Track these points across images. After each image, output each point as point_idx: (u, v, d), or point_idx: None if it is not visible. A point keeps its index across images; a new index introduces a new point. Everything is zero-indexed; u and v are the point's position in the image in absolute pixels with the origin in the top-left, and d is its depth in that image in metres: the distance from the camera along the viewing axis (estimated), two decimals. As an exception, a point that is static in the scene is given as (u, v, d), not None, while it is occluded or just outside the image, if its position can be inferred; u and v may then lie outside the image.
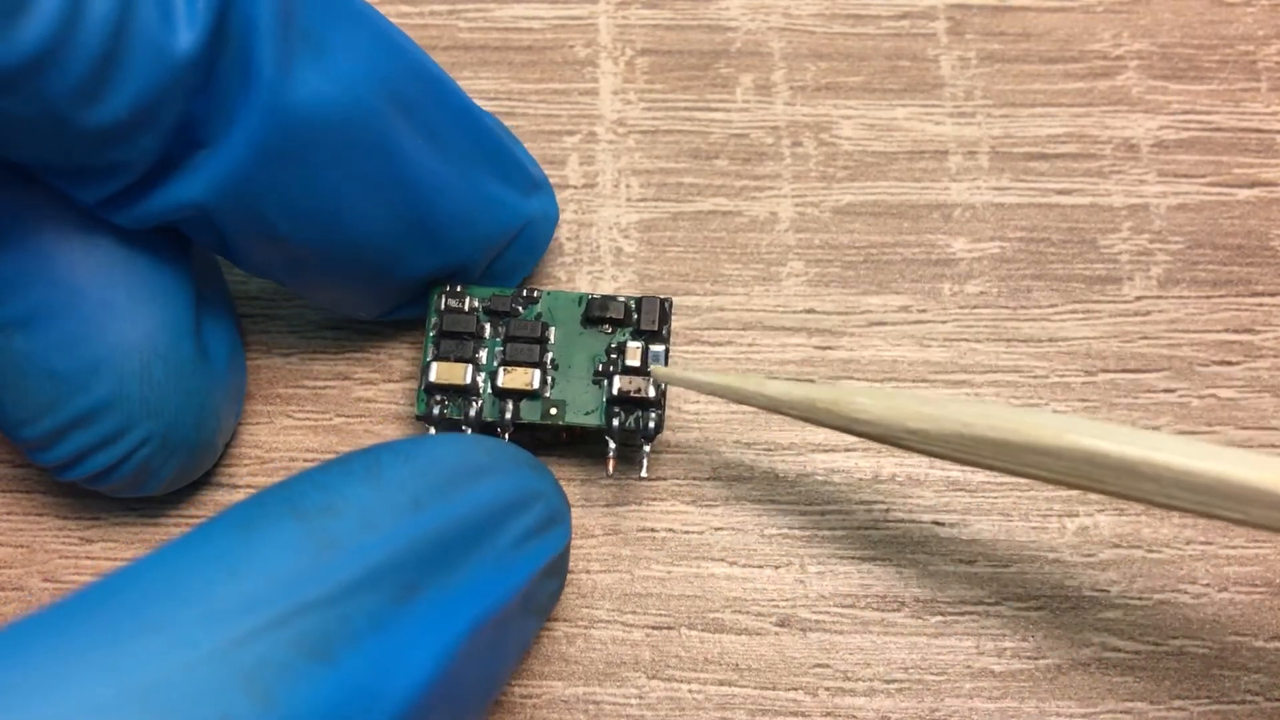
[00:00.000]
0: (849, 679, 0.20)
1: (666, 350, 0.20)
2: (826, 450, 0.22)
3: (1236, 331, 0.23)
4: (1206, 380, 0.22)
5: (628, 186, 0.24)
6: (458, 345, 0.20)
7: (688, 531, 0.21)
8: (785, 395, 0.18)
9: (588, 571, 0.21)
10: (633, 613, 0.21)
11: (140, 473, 0.19)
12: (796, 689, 0.20)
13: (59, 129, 0.15)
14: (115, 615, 0.12)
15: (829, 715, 0.20)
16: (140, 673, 0.12)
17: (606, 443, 0.20)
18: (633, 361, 0.20)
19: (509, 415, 0.20)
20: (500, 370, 0.20)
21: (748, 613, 0.21)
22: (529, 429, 0.20)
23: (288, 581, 0.13)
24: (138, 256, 0.18)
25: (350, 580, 0.13)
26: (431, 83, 0.19)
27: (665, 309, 0.21)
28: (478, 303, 0.21)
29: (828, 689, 0.20)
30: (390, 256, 0.19)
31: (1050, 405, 0.22)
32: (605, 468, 0.21)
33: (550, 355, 0.20)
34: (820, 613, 0.21)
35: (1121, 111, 0.24)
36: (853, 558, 0.21)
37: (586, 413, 0.20)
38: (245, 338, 0.23)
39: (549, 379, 0.20)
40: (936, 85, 0.25)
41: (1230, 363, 0.22)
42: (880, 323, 0.23)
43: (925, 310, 0.23)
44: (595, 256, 0.23)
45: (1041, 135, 0.24)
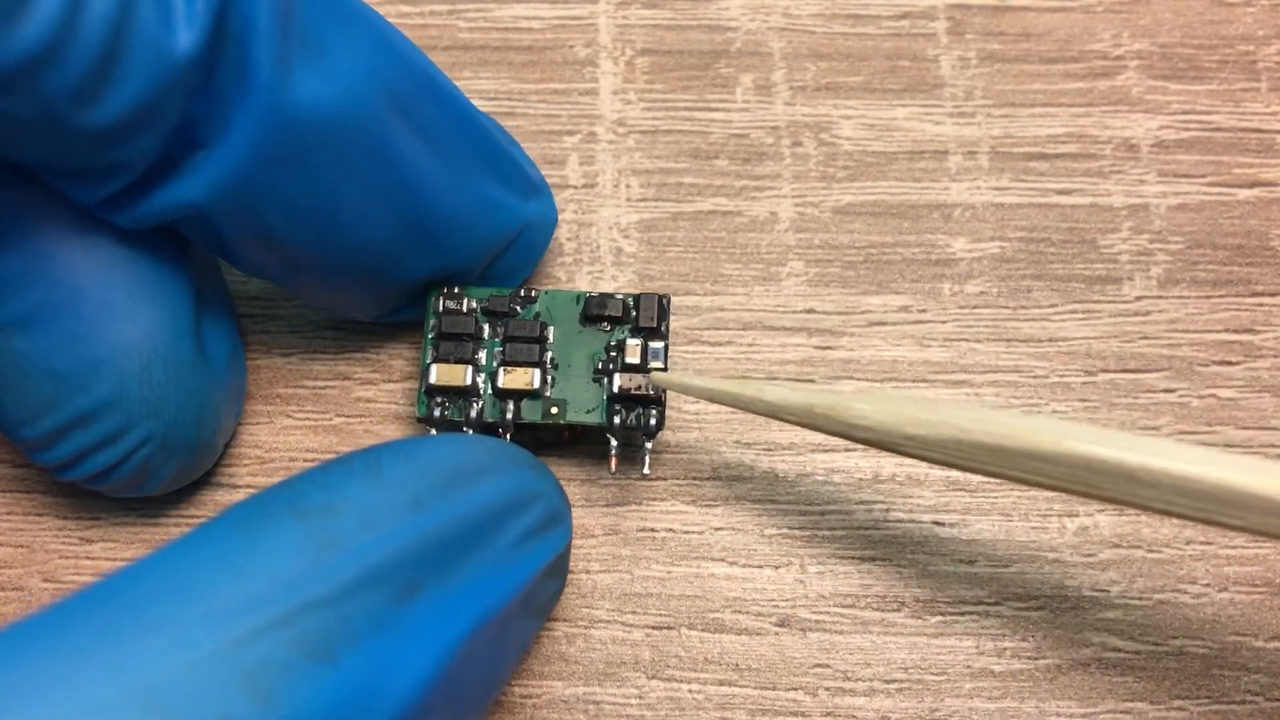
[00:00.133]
0: (849, 679, 0.20)
1: (666, 347, 0.20)
2: (826, 450, 0.22)
3: (1236, 331, 0.23)
4: (1206, 380, 0.22)
5: (628, 186, 0.24)
6: (457, 347, 0.20)
7: (688, 531, 0.21)
8: (783, 401, 0.18)
9: (588, 571, 0.21)
10: (633, 613, 0.21)
11: (140, 473, 0.19)
12: (796, 689, 0.20)
13: (58, 129, 0.15)
14: (116, 615, 0.12)
15: (829, 715, 0.20)
16: (141, 673, 0.12)
17: (608, 441, 0.20)
18: (632, 359, 0.20)
19: (510, 415, 0.20)
20: (500, 371, 0.20)
21: (748, 613, 0.21)
22: (530, 429, 0.20)
23: (289, 581, 0.13)
24: (138, 256, 0.18)
25: (351, 580, 0.13)
26: (430, 85, 0.19)
27: (664, 305, 0.21)
28: (476, 303, 0.21)
29: (828, 689, 0.20)
30: (388, 259, 0.19)
31: (1050, 405, 0.22)
32: (607, 466, 0.21)
33: (550, 354, 0.20)
34: (820, 613, 0.21)
35: (1121, 111, 0.24)
36: (853, 558, 0.21)
37: (587, 411, 0.20)
38: (245, 338, 0.23)
39: (549, 378, 0.20)
40: (936, 85, 0.25)
41: (1230, 363, 0.22)
42: (880, 323, 0.23)
43: (925, 310, 0.23)
44: (595, 256, 0.23)
45: (1041, 135, 0.24)
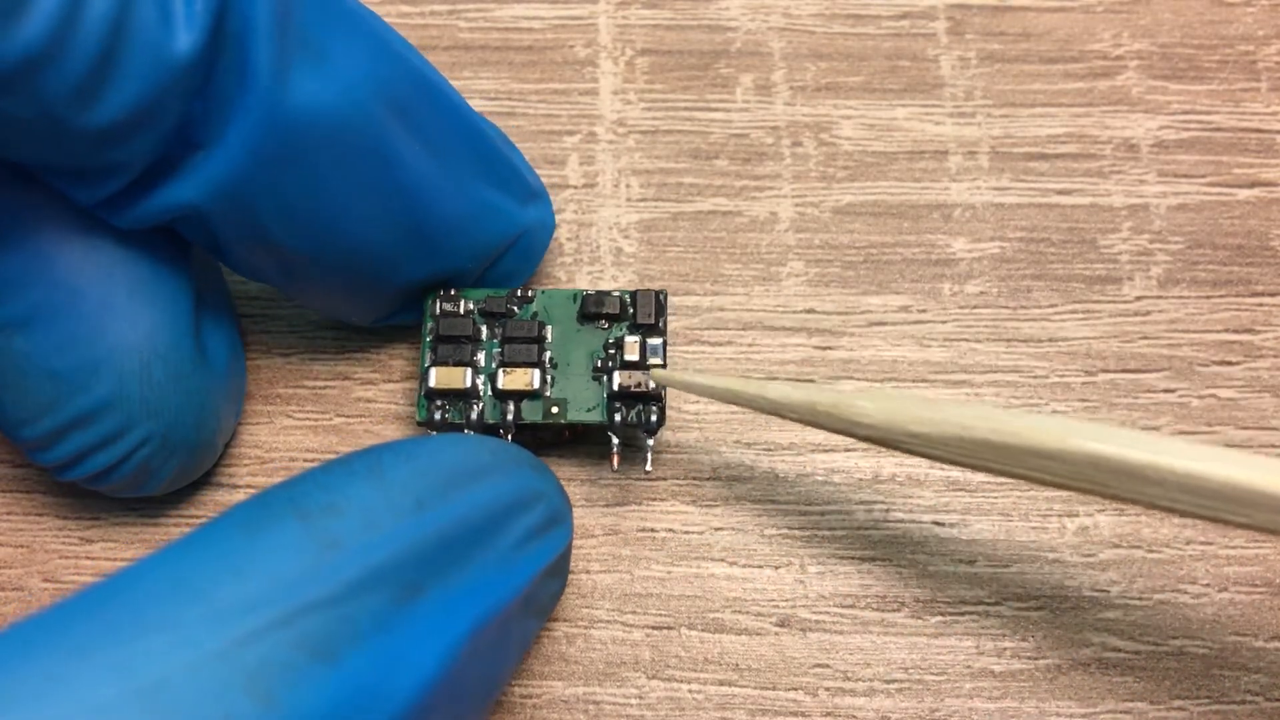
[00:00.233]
0: (849, 679, 0.20)
1: (664, 343, 0.20)
2: (826, 450, 0.22)
3: (1236, 331, 0.23)
4: (1206, 380, 0.22)
5: (628, 186, 0.24)
6: (455, 349, 0.20)
7: (688, 531, 0.21)
8: (785, 399, 0.18)
9: (588, 571, 0.21)
10: (633, 613, 0.21)
11: (140, 473, 0.19)
12: (796, 689, 0.20)
13: (57, 129, 0.15)
14: (117, 615, 0.12)
15: (829, 715, 0.20)
16: (143, 673, 0.12)
17: (609, 439, 0.20)
18: (631, 356, 0.20)
19: (510, 416, 0.20)
20: (499, 372, 0.20)
21: (748, 613, 0.21)
22: (531, 429, 0.20)
23: (290, 581, 0.13)
24: (138, 257, 0.18)
25: (353, 580, 0.13)
26: (428, 89, 0.19)
27: (661, 301, 0.21)
28: (473, 305, 0.21)
29: (828, 689, 0.20)
30: (385, 263, 0.19)
31: (1050, 405, 0.22)
32: (608, 466, 0.21)
33: (548, 354, 0.20)
34: (820, 613, 0.21)
35: (1121, 111, 0.24)
36: (853, 558, 0.21)
37: (588, 410, 0.20)
38: (245, 338, 0.23)
39: (548, 378, 0.20)
40: (936, 85, 0.25)
41: (1230, 363, 0.22)
42: (880, 323, 0.23)
43: (925, 310, 0.23)
44: (595, 256, 0.23)
45: (1041, 135, 0.24)
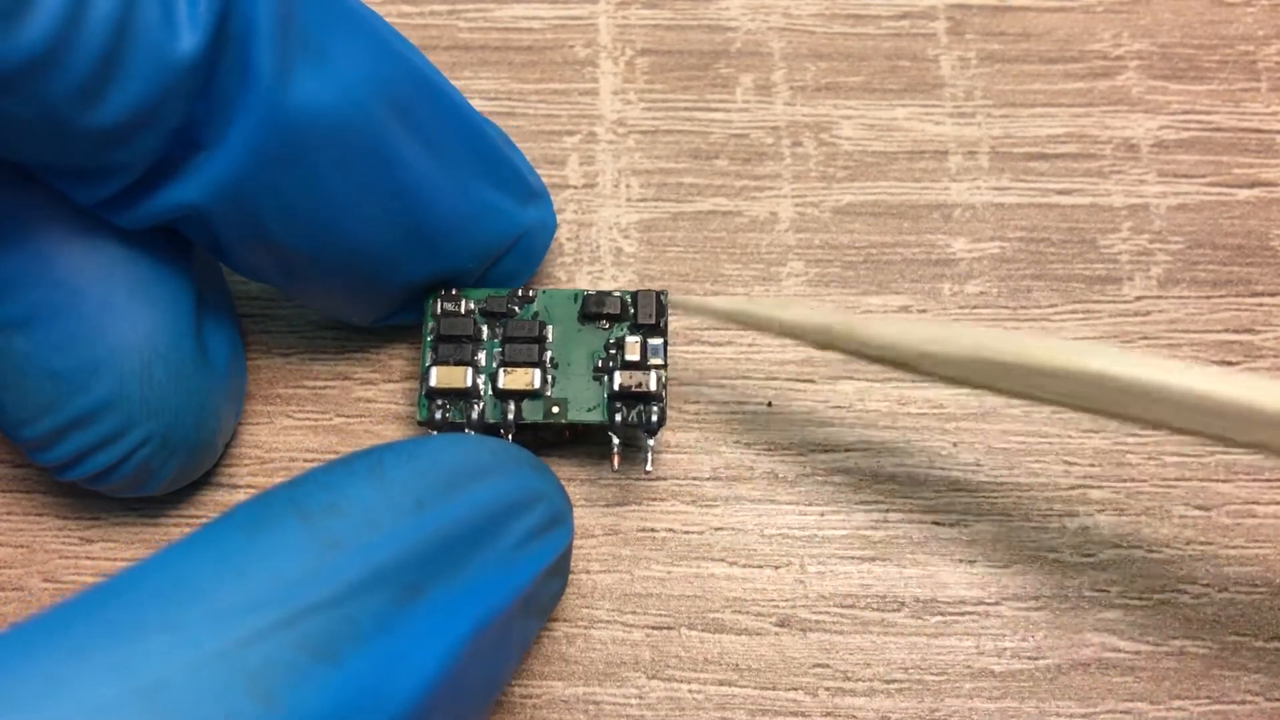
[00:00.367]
0: (849, 679, 0.20)
1: (665, 343, 0.20)
2: (826, 450, 0.22)
3: (1236, 331, 0.23)
4: (1206, 380, 0.22)
5: (628, 186, 0.24)
6: (456, 349, 0.20)
7: (688, 531, 0.21)
8: (800, 321, 0.19)
9: (588, 571, 0.21)
10: (633, 613, 0.21)
11: (140, 473, 0.19)
12: (796, 689, 0.20)
13: (59, 130, 0.15)
14: (118, 616, 0.12)
15: (829, 715, 0.20)
16: (143, 673, 0.12)
17: (609, 439, 0.20)
18: (632, 356, 0.20)
19: (511, 416, 0.20)
20: (500, 371, 0.20)
21: (748, 613, 0.21)
22: (531, 429, 0.20)
23: (292, 582, 0.13)
24: (138, 257, 0.18)
25: (355, 580, 0.13)
26: (430, 89, 0.19)
27: (661, 302, 0.21)
28: (474, 305, 0.21)
29: (828, 689, 0.20)
30: (385, 263, 0.19)
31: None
32: (608, 466, 0.21)
33: (549, 354, 0.20)
34: (820, 613, 0.21)
35: (1121, 111, 0.24)
36: (853, 558, 0.21)
37: (589, 409, 0.20)
38: (245, 338, 0.23)
39: (549, 378, 0.20)
40: (936, 85, 0.25)
41: (1230, 363, 0.22)
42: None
43: (925, 310, 0.23)
44: (595, 256, 0.23)
45: (1041, 135, 0.24)
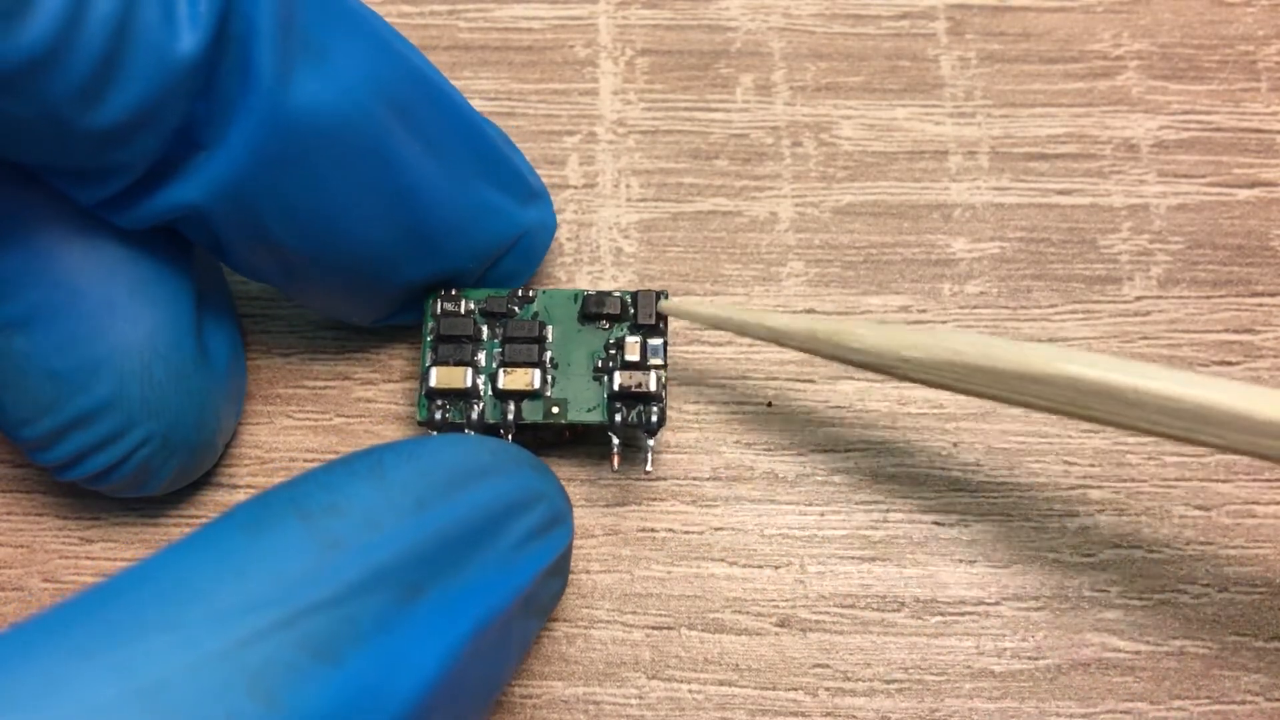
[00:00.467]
0: (849, 679, 0.20)
1: (665, 343, 0.20)
2: (826, 450, 0.22)
3: (1236, 331, 0.23)
4: (1206, 380, 0.22)
5: (628, 186, 0.24)
6: (456, 349, 0.20)
7: (688, 531, 0.21)
8: (786, 327, 0.19)
9: (588, 571, 0.21)
10: (633, 613, 0.21)
11: (140, 473, 0.19)
12: (796, 689, 0.20)
13: (60, 130, 0.15)
14: (119, 616, 0.12)
15: (829, 715, 0.20)
16: (145, 673, 0.12)
17: (609, 439, 0.20)
18: (632, 356, 0.20)
19: (511, 416, 0.20)
20: (500, 372, 0.20)
21: (748, 613, 0.21)
22: (531, 429, 0.20)
23: (293, 582, 0.13)
24: (139, 256, 0.18)
25: (355, 580, 0.13)
26: (430, 89, 0.19)
27: (661, 302, 0.21)
28: (474, 305, 0.21)
29: (828, 689, 0.20)
30: (385, 263, 0.19)
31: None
32: (608, 466, 0.21)
33: (549, 354, 0.20)
34: (820, 613, 0.21)
35: (1121, 111, 0.24)
36: (853, 558, 0.21)
37: (588, 410, 0.20)
38: (245, 338, 0.23)
39: (549, 378, 0.20)
40: (936, 85, 0.25)
41: (1230, 363, 0.22)
42: (880, 323, 0.23)
43: (925, 310, 0.23)
44: (595, 256, 0.23)
45: (1041, 135, 0.24)
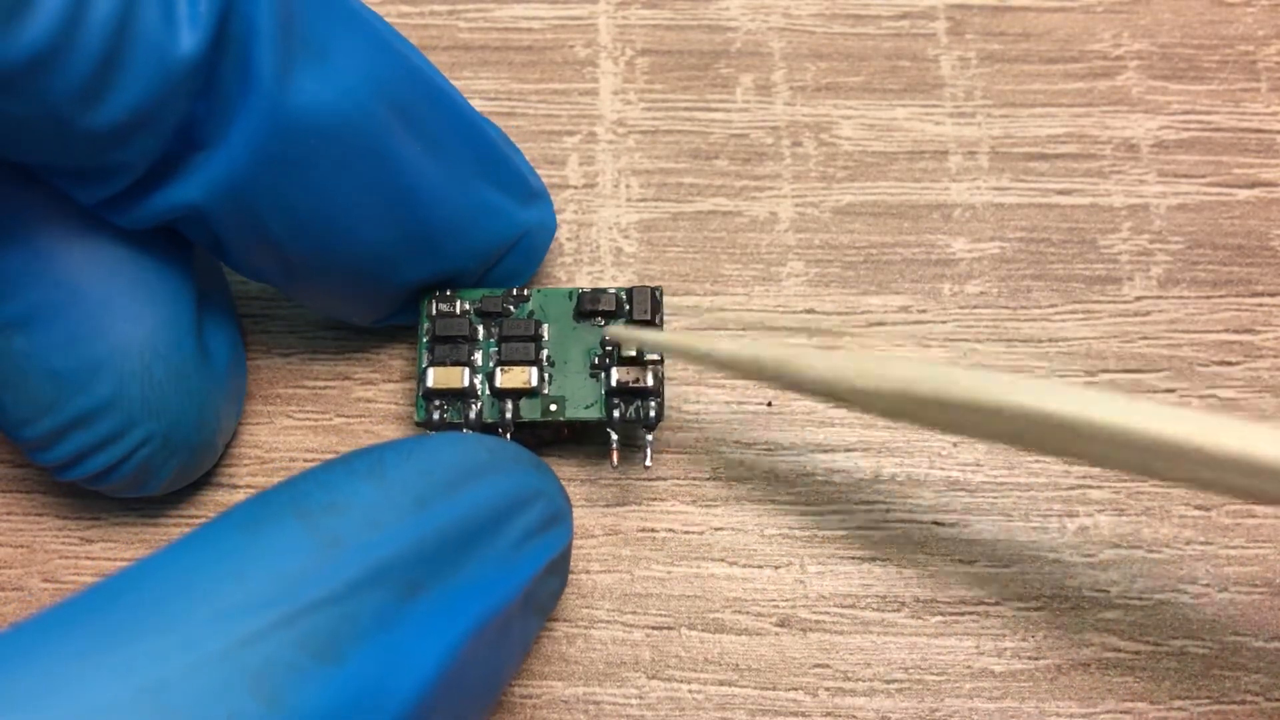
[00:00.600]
0: (849, 679, 0.20)
1: None
2: (826, 450, 0.22)
3: (1236, 331, 0.23)
4: (1206, 380, 0.22)
5: (628, 186, 0.24)
6: (452, 349, 0.20)
7: (688, 531, 0.21)
8: (733, 356, 0.18)
9: (588, 571, 0.21)
10: (633, 613, 0.21)
11: (140, 473, 0.19)
12: (796, 689, 0.20)
13: (60, 130, 0.15)
14: (119, 616, 0.12)
15: (829, 715, 0.20)
16: (146, 673, 0.12)
17: (608, 436, 0.20)
18: (629, 352, 0.20)
19: (509, 415, 0.20)
20: (497, 371, 0.20)
21: (748, 613, 0.21)
22: (530, 427, 0.20)
23: (293, 581, 0.13)
24: (139, 256, 0.18)
25: (355, 579, 0.13)
26: (430, 89, 0.19)
27: (656, 298, 0.21)
28: (469, 305, 0.21)
29: (828, 689, 0.20)
30: (385, 263, 0.19)
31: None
32: (608, 465, 0.21)
33: (545, 352, 0.20)
34: (820, 613, 0.21)
35: (1121, 111, 0.24)
36: (853, 558, 0.21)
37: (586, 406, 0.20)
38: (245, 338, 0.23)
39: (546, 376, 0.20)
40: (936, 85, 0.25)
41: (1230, 363, 0.22)
42: (880, 323, 0.23)
43: (925, 310, 0.23)
44: (595, 256, 0.23)
45: (1041, 135, 0.24)
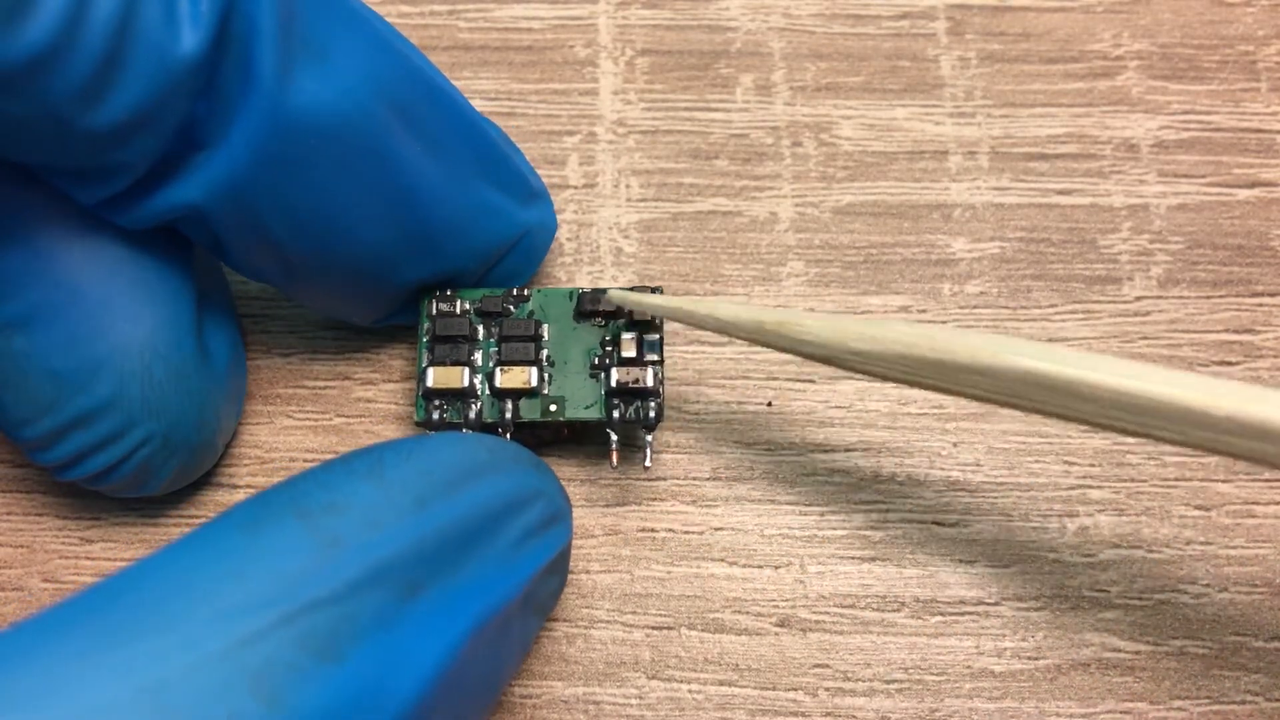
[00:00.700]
0: (849, 679, 0.20)
1: (660, 339, 0.20)
2: (827, 450, 0.22)
3: (1236, 331, 0.23)
4: (1206, 380, 0.22)
5: (628, 186, 0.24)
6: (452, 349, 0.20)
7: (688, 531, 0.21)
8: (734, 318, 0.19)
9: (588, 571, 0.21)
10: (633, 613, 0.21)
11: (140, 473, 0.19)
12: (796, 689, 0.20)
13: (61, 130, 0.15)
14: (120, 616, 0.12)
15: (829, 715, 0.20)
16: (146, 673, 0.12)
17: (608, 437, 0.20)
18: (628, 353, 0.20)
19: (509, 415, 0.20)
20: (497, 371, 0.20)
21: (748, 613, 0.21)
22: (529, 427, 0.20)
23: (293, 581, 0.13)
24: (140, 256, 0.18)
25: (355, 578, 0.13)
26: (431, 90, 0.19)
27: None
28: (469, 305, 0.21)
29: (828, 689, 0.20)
30: (386, 263, 0.19)
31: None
32: (607, 465, 0.21)
33: (545, 352, 0.20)
34: (820, 613, 0.21)
35: (1121, 111, 0.24)
36: (853, 558, 0.21)
37: (586, 407, 0.20)
38: (245, 338, 0.23)
39: (546, 376, 0.20)
40: (936, 85, 0.25)
41: (1230, 363, 0.22)
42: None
43: (925, 310, 0.23)
44: (595, 256, 0.23)
45: (1041, 135, 0.24)
